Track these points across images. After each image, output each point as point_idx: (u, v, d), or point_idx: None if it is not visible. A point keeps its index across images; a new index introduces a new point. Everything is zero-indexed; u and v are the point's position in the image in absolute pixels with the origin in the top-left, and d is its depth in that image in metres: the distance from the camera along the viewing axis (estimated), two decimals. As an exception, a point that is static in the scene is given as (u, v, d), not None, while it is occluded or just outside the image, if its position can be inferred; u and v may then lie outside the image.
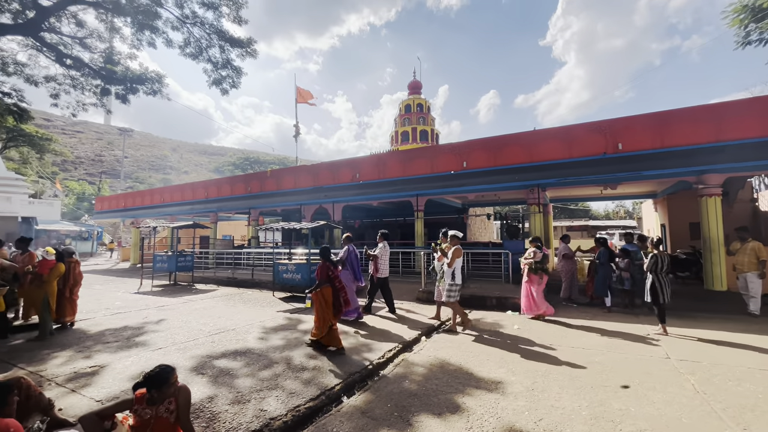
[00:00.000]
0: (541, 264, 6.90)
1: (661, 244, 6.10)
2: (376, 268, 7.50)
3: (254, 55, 12.45)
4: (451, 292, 6.15)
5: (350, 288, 7.01)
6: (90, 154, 79.13)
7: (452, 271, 6.17)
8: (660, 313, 5.84)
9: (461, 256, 6.30)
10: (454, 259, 6.16)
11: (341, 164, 14.05)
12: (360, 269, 7.40)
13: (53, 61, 11.33)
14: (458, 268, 6.21)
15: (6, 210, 25.69)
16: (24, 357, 4.84)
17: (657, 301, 5.85)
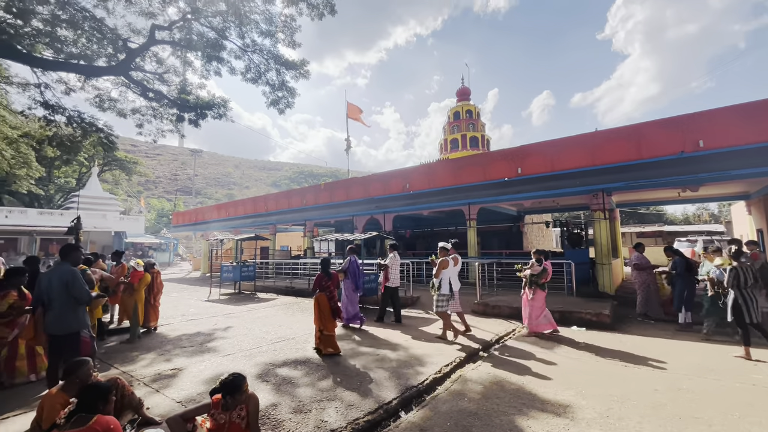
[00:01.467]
0: (537, 278, 6.52)
1: (742, 255, 5.35)
2: (386, 277, 7.76)
3: (307, 75, 13.15)
4: (439, 302, 6.26)
5: (352, 296, 7.39)
6: (167, 174, 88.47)
7: (439, 282, 6.29)
8: (744, 334, 5.09)
9: (447, 267, 6.33)
10: (439, 270, 6.31)
11: (391, 175, 14.20)
12: (362, 279, 7.64)
13: (139, 95, 12.92)
14: (445, 280, 6.29)
15: (102, 225, 29.54)
16: (117, 358, 5.47)
17: (741, 320, 5.09)
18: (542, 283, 6.52)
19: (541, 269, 6.55)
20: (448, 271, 6.36)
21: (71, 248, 3.90)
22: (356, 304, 7.43)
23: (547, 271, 6.55)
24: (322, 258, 6.03)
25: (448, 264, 6.37)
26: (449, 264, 6.39)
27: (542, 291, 6.52)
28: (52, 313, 3.64)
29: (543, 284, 6.53)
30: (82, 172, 38.12)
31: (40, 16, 9.59)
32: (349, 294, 7.40)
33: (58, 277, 3.65)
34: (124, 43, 11.00)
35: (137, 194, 54.74)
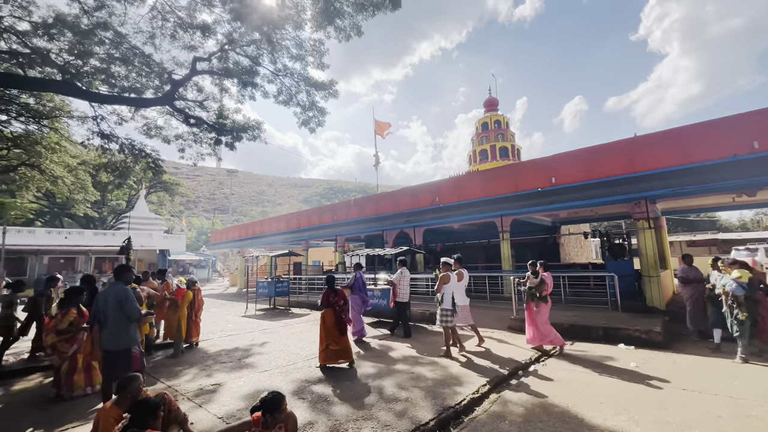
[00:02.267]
0: (535, 290, 6.36)
1: None
2: (395, 292, 7.91)
3: (336, 95, 13.57)
4: (441, 317, 6.31)
5: (357, 310, 7.68)
6: (206, 194, 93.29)
7: (441, 297, 6.32)
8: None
9: (449, 282, 6.36)
10: (440, 285, 6.35)
11: (420, 189, 14.20)
12: (367, 294, 7.99)
13: (181, 122, 13.83)
14: (447, 294, 6.29)
15: (148, 244, 31.45)
16: (163, 372, 5.72)
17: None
18: (543, 296, 6.34)
19: (539, 281, 6.40)
20: (449, 285, 6.38)
21: (124, 269, 4.19)
22: (362, 319, 7.76)
23: (545, 283, 6.38)
24: (328, 275, 6.36)
25: (450, 279, 6.41)
26: (451, 279, 6.42)
27: (545, 303, 6.33)
28: (107, 330, 3.90)
29: (544, 296, 6.34)
30: (131, 194, 41.04)
31: (97, 55, 10.59)
32: (356, 309, 7.68)
33: (113, 295, 3.93)
34: (168, 75, 11.87)
35: (179, 214, 58.05)
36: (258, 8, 9.84)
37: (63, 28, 9.89)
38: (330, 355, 5.62)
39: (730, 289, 5.66)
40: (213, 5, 10.83)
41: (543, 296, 6.32)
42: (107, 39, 10.35)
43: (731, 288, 5.65)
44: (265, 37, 11.32)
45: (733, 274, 5.73)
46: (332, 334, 5.67)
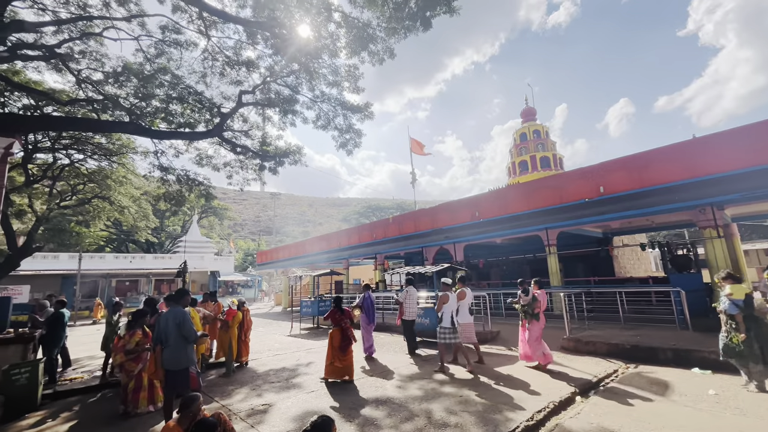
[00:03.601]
0: (528, 308, 6.47)
1: None
2: (401, 311, 8.12)
3: (371, 116, 13.91)
4: (440, 335, 6.53)
5: (367, 329, 8.07)
6: (251, 217, 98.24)
7: (441, 315, 6.51)
8: None
9: (448, 302, 6.53)
10: (440, 304, 6.56)
11: (459, 204, 14.00)
12: (374, 313, 8.30)
13: (229, 151, 14.83)
14: (447, 313, 6.47)
15: (200, 266, 33.48)
16: (217, 391, 5.96)
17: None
18: (536, 313, 6.41)
19: (531, 299, 6.50)
20: (448, 305, 6.55)
21: (183, 293, 4.50)
22: (371, 337, 8.13)
23: (537, 300, 6.44)
24: (335, 296, 6.87)
25: (449, 299, 6.58)
26: (450, 298, 6.59)
27: (537, 321, 6.40)
28: (168, 350, 4.17)
29: (536, 314, 6.41)
30: (185, 220, 44.18)
31: (158, 97, 11.74)
32: (365, 326, 8.13)
33: (173, 318, 4.21)
34: (218, 109, 12.85)
35: (227, 236, 61.51)
36: (296, 41, 10.46)
37: (130, 75, 11.10)
38: (334, 371, 6.08)
39: (724, 307, 5.01)
40: (256, 42, 11.66)
41: (535, 314, 6.40)
42: (166, 81, 11.46)
43: (724, 306, 5.00)
44: (303, 67, 11.96)
45: (725, 290, 5.05)
46: (337, 352, 6.09)
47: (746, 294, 4.86)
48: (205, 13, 9.71)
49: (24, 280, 22.42)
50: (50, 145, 14.20)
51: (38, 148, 13.98)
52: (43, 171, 15.36)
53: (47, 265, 25.15)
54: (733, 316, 4.88)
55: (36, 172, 15.15)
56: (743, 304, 4.83)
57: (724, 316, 5.06)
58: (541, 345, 6.33)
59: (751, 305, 4.86)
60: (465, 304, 6.93)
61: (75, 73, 10.75)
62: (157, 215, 35.17)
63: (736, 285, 4.98)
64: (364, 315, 8.15)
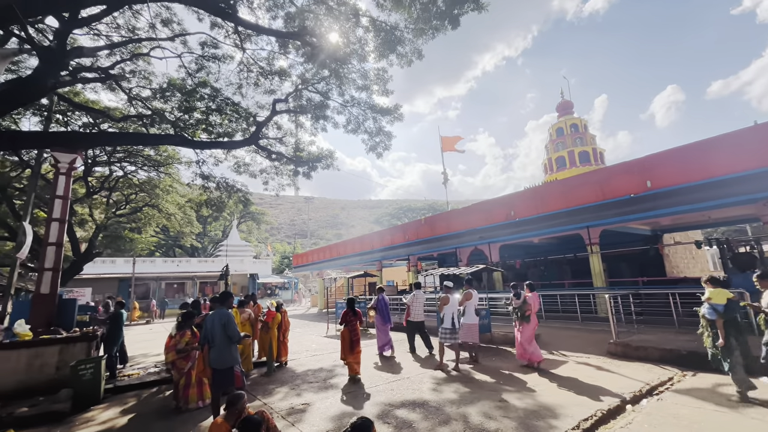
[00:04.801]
0: (520, 310, 6.76)
1: None
2: (408, 313, 8.67)
3: (401, 118, 13.93)
4: (441, 335, 6.90)
5: (382, 328, 8.50)
6: (287, 221, 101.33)
7: (442, 317, 6.87)
8: None
9: (448, 304, 6.87)
10: (441, 306, 6.92)
11: (493, 203, 13.67)
12: (389, 314, 8.70)
13: (265, 158, 15.41)
14: (447, 315, 6.81)
15: (240, 269, 34.97)
16: (259, 390, 6.19)
17: None
18: (527, 315, 6.65)
19: (521, 301, 6.74)
20: (449, 306, 6.88)
21: (227, 295, 4.73)
22: (387, 335, 8.52)
23: (528, 303, 6.68)
24: (348, 298, 7.26)
25: (449, 300, 6.92)
26: (449, 300, 6.92)
27: (527, 323, 6.65)
28: (214, 349, 4.40)
29: (527, 316, 6.65)
30: (226, 225, 46.36)
31: (199, 109, 12.44)
32: (379, 326, 8.57)
33: (218, 319, 4.43)
34: (253, 118, 13.39)
35: (265, 240, 63.85)
36: (326, 48, 10.69)
37: (174, 90, 11.85)
38: (348, 368, 6.50)
39: (703, 312, 4.74)
40: (288, 52, 12.04)
41: (526, 316, 6.66)
42: (206, 94, 12.12)
43: (704, 311, 4.72)
44: (333, 73, 12.19)
45: (705, 293, 4.76)
46: (348, 350, 6.51)
47: (728, 299, 4.59)
48: (240, 27, 10.16)
49: (86, 283, 24.48)
50: (106, 158, 15.43)
51: (96, 162, 15.24)
52: (101, 183, 16.72)
53: (106, 269, 27.32)
54: (713, 322, 4.65)
55: (95, 184, 16.52)
56: (723, 310, 4.56)
57: (704, 320, 4.83)
58: (531, 345, 6.64)
59: (734, 310, 4.57)
60: (471, 305, 7.22)
61: (126, 91, 11.63)
62: (200, 221, 37.17)
63: (716, 289, 4.71)
64: (378, 315, 8.57)
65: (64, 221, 7.71)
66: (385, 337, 8.46)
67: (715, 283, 4.81)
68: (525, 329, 6.66)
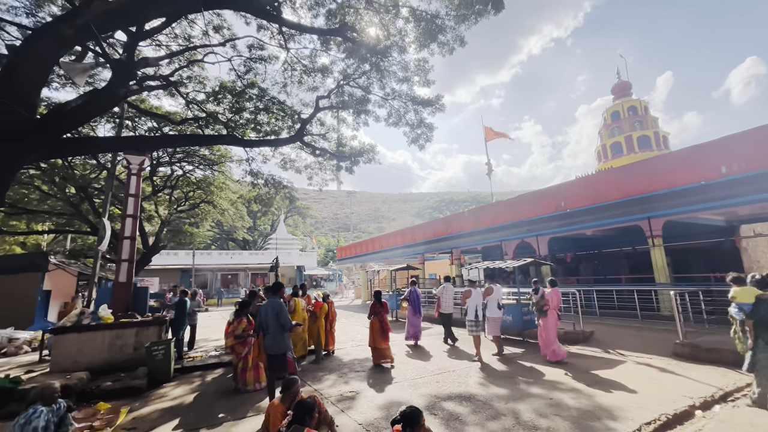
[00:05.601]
0: (537, 305, 6.95)
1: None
2: (438, 305, 9.25)
3: (443, 109, 13.69)
4: (468, 327, 7.41)
5: (413, 319, 9.01)
6: (330, 215, 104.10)
7: (466, 309, 7.44)
8: None
9: (470, 297, 7.42)
10: (464, 299, 7.52)
11: (542, 194, 13.05)
12: (420, 306, 9.24)
13: (309, 154, 15.91)
14: (471, 308, 7.35)
15: (288, 261, 36.59)
16: (309, 376, 6.49)
17: None
18: (544, 310, 6.76)
19: (539, 296, 6.91)
20: (472, 299, 7.38)
21: (279, 285, 5.01)
22: (417, 325, 9.01)
23: (546, 298, 6.81)
24: (375, 291, 7.70)
25: (471, 294, 7.44)
26: (472, 294, 7.43)
27: (545, 318, 6.76)
28: (268, 336, 4.68)
29: (545, 311, 6.75)
30: (273, 219, 48.64)
31: (248, 110, 13.10)
32: (411, 317, 9.11)
33: (271, 308, 4.70)
34: (298, 116, 13.84)
35: (310, 234, 66.17)
36: (366, 42, 10.73)
37: (225, 92, 12.57)
38: (377, 355, 6.96)
39: (732, 312, 4.35)
40: (329, 49, 12.26)
41: (544, 311, 6.78)
42: (254, 95, 12.72)
43: (732, 311, 4.34)
44: (374, 66, 12.24)
45: (731, 292, 4.35)
46: (377, 339, 6.97)
47: (756, 297, 4.16)
48: (284, 27, 10.50)
49: (154, 273, 26.95)
50: (168, 159, 16.77)
51: (160, 163, 16.62)
52: (164, 182, 18.23)
53: (169, 260, 29.86)
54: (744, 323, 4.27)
55: (159, 183, 18.05)
56: (751, 309, 4.17)
57: (733, 320, 4.44)
58: (552, 341, 6.70)
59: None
60: (493, 300, 7.39)
61: (184, 96, 12.51)
62: (251, 216, 39.31)
63: (743, 288, 4.31)
64: (410, 306, 9.11)
65: (137, 217, 8.52)
66: (415, 327, 8.98)
67: (739, 282, 4.46)
68: (545, 324, 6.81)
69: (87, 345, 6.81)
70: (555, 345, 6.68)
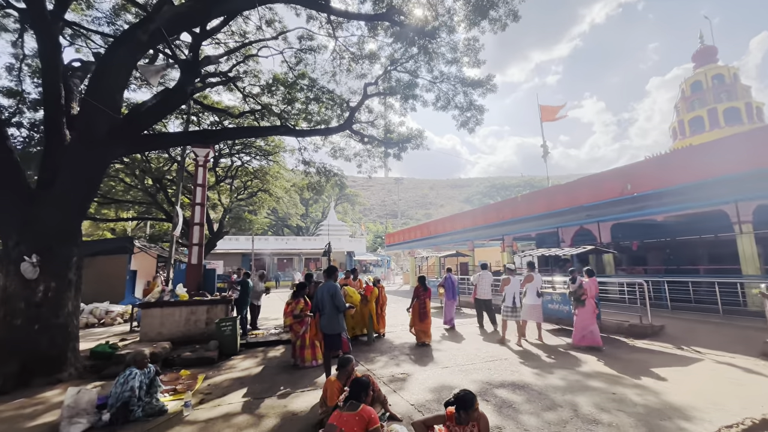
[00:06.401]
0: (575, 294, 7.03)
1: None
2: (475, 291, 9.54)
3: (494, 89, 13.09)
4: (503, 312, 7.68)
5: (449, 304, 9.59)
6: (378, 201, 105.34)
7: (504, 296, 7.76)
8: None
9: (509, 284, 7.70)
10: (502, 286, 7.87)
11: (604, 177, 12.07)
12: (455, 292, 9.86)
13: (358, 141, 16.14)
14: (509, 294, 7.62)
15: (338, 247, 37.86)
16: (361, 357, 6.75)
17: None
18: (582, 299, 6.87)
19: (577, 286, 6.99)
20: (510, 287, 7.67)
21: (333, 269, 5.23)
22: (452, 310, 9.53)
23: (582, 288, 6.89)
24: (419, 276, 8.23)
25: (510, 281, 7.73)
26: (510, 281, 7.73)
27: (582, 307, 6.85)
28: (324, 317, 4.94)
29: (582, 300, 6.86)
30: (324, 206, 50.39)
31: (299, 100, 13.54)
32: (446, 302, 9.65)
33: (327, 290, 4.94)
34: (347, 104, 14.04)
35: (359, 220, 67.64)
36: (414, 25, 10.51)
37: (278, 84, 13.09)
38: (417, 335, 7.55)
39: None
40: (377, 34, 12.19)
41: (581, 300, 6.86)
42: (305, 85, 13.10)
43: None
44: (421, 49, 11.98)
45: None
46: (416, 320, 7.55)
47: None
48: (332, 16, 10.61)
49: (218, 257, 29.35)
50: (228, 151, 17.97)
51: (221, 155, 17.87)
52: (225, 172, 19.61)
53: (231, 245, 32.29)
54: None
55: (220, 173, 19.47)
56: None
57: None
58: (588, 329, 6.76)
59: None
60: (532, 288, 7.65)
61: (241, 90, 13.23)
62: (303, 203, 41.06)
63: None
64: (447, 292, 9.64)
65: (204, 205, 9.31)
66: (450, 312, 9.52)
67: None
68: (581, 313, 6.88)
69: (168, 319, 7.68)
70: (588, 331, 6.78)
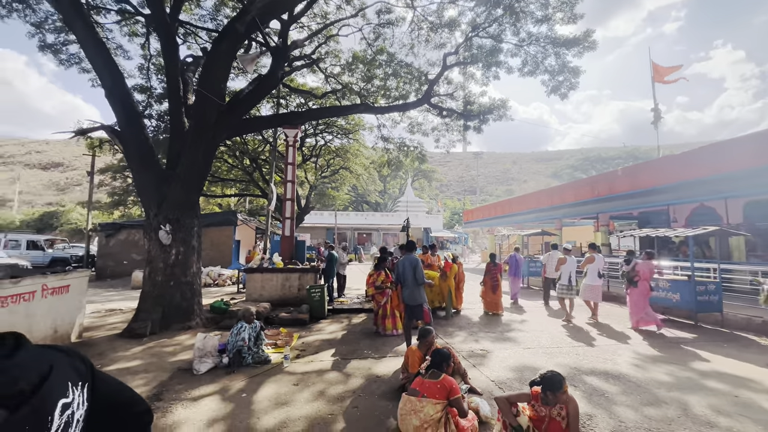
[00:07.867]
0: (628, 275, 7.19)
1: None
2: (544, 270, 10.09)
3: (593, 47, 11.53)
4: (559, 290, 7.89)
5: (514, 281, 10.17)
6: (455, 177, 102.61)
7: (560, 275, 7.97)
8: None
9: (566, 264, 7.94)
10: (559, 265, 8.21)
11: (735, 144, 9.95)
12: (519, 270, 10.33)
13: (436, 115, 15.73)
14: (564, 274, 7.86)
15: (415, 223, 38.19)
16: (440, 330, 6.85)
17: None
18: (635, 281, 6.95)
19: (630, 267, 7.13)
20: (566, 266, 7.90)
21: (412, 244, 5.35)
22: (517, 286, 10.17)
23: (636, 270, 7.01)
24: (491, 253, 9.07)
25: (566, 261, 7.97)
26: (567, 261, 7.96)
27: (635, 288, 6.96)
28: (406, 289, 5.12)
29: (635, 281, 6.95)
30: (401, 183, 50.88)
31: (377, 77, 13.61)
32: (512, 279, 10.19)
33: (408, 263, 5.09)
34: (425, 77, 13.70)
35: (435, 197, 67.02)
36: (500, -17, 9.63)
37: (357, 62, 13.29)
38: (488, 305, 8.33)
39: None
40: (457, 0, 11.50)
41: (634, 281, 6.98)
42: (383, 61, 13.08)
43: None
44: (507, 9, 11.01)
45: None
46: (489, 293, 8.28)
47: None
48: (412, -17, 10.26)
49: (306, 230, 31.90)
50: (312, 131, 19.07)
51: (306, 135, 19.05)
52: (310, 151, 20.93)
53: (316, 219, 34.78)
54: None
55: (306, 152, 20.85)
56: None
57: None
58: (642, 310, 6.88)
59: None
60: (594, 268, 7.76)
61: (323, 70, 13.76)
62: (381, 180, 41.97)
63: None
64: (510, 269, 10.27)
65: (294, 182, 10.14)
66: (515, 288, 10.16)
67: None
68: (632, 293, 7.03)
69: (267, 283, 8.73)
70: (642, 314, 6.86)
